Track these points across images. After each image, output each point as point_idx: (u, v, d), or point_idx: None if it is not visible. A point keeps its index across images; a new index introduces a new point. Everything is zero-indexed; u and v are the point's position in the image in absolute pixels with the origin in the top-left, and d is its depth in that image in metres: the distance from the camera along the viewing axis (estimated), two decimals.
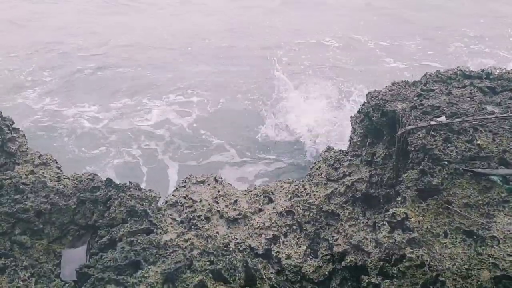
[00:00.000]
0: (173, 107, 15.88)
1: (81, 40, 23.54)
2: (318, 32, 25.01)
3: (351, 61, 20.44)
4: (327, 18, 27.92)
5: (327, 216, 6.07)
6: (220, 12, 30.01)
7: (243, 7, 31.05)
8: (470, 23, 26.21)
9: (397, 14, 29.32)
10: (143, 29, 25.62)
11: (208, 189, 6.98)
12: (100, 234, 4.73)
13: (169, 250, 4.30)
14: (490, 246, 4.11)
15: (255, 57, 21.00)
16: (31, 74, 18.59)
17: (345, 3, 31.67)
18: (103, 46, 22.74)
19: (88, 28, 25.64)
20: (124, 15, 28.96)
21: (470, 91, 5.56)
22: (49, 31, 24.80)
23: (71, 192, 5.14)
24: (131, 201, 4.88)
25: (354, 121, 6.27)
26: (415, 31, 25.23)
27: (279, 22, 27.17)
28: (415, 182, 4.67)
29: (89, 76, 18.85)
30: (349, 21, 27.13)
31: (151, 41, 23.42)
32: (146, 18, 28.46)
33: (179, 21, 27.60)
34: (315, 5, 31.07)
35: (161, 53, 21.96)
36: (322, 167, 6.66)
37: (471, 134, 4.82)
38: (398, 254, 4.40)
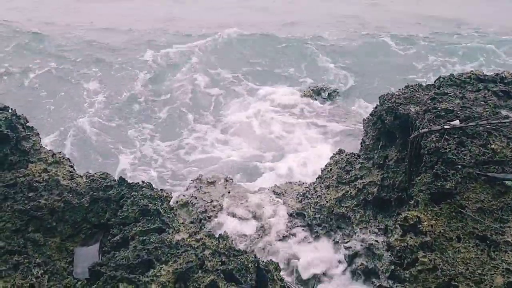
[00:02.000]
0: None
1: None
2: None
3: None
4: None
5: (338, 218, 6.06)
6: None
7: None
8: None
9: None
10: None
11: (219, 189, 7.02)
12: (113, 232, 4.74)
13: (181, 249, 4.31)
14: (504, 251, 4.08)
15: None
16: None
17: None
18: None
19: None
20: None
21: (484, 95, 5.52)
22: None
23: (84, 190, 5.17)
24: (143, 200, 4.90)
25: (367, 124, 6.25)
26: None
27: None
28: (428, 185, 4.64)
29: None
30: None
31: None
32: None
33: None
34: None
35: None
36: (333, 169, 6.65)
37: (485, 138, 4.78)
38: (410, 258, 4.38)
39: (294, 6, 31.88)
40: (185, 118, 13.91)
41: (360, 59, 19.45)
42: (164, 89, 16.12)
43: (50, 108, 14.36)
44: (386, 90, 9.14)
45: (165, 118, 13.91)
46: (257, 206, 6.67)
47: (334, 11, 29.61)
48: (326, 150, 10.58)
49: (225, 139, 12.54)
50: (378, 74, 17.39)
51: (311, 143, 11.91)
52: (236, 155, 11.47)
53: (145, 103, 14.84)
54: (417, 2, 33.46)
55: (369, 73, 17.60)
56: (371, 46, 21.27)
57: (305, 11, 30.05)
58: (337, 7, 30.91)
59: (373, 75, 17.34)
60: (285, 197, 6.93)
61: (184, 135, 12.76)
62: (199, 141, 12.31)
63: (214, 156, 11.50)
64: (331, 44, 21.61)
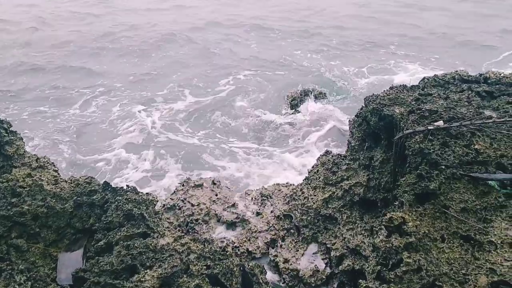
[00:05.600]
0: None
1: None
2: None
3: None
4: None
5: (324, 220, 6.06)
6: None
7: None
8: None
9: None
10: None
11: (206, 193, 6.98)
12: (97, 237, 4.71)
13: (166, 254, 4.28)
14: (488, 251, 4.10)
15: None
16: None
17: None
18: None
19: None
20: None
21: (468, 95, 5.56)
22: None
23: (68, 195, 5.12)
24: (128, 205, 4.87)
25: (352, 125, 6.26)
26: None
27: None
28: (413, 186, 4.66)
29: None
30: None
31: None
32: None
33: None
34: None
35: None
36: (320, 170, 6.65)
37: (469, 138, 4.81)
38: (395, 259, 4.38)
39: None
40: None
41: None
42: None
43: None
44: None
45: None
46: (244, 208, 6.65)
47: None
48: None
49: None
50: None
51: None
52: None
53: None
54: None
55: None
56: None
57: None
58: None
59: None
60: (272, 199, 6.90)
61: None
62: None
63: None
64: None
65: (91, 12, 33.60)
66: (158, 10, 35.04)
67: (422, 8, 33.33)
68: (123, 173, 11.21)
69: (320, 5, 35.22)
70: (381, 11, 32.79)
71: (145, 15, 33.00)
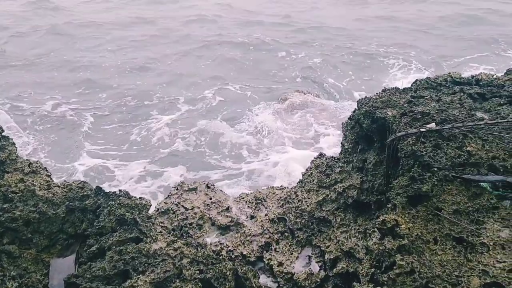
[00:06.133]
0: None
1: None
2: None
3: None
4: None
5: (319, 222, 6.06)
6: None
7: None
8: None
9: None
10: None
11: (200, 196, 6.96)
12: (89, 243, 4.68)
13: (159, 259, 4.27)
14: (480, 253, 4.10)
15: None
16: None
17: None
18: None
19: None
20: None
21: (460, 97, 5.57)
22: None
23: (60, 200, 5.10)
24: (120, 210, 4.85)
25: (345, 128, 6.27)
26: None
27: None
28: (405, 188, 4.66)
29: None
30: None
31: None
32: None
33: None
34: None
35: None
36: (314, 173, 6.65)
37: (461, 140, 4.83)
38: (388, 261, 4.39)
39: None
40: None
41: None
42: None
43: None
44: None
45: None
46: (239, 212, 6.64)
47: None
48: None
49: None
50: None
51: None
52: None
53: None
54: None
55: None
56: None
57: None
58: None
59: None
60: (266, 202, 6.90)
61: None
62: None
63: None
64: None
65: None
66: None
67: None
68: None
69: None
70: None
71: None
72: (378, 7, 35.41)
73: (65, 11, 33.53)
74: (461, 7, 32.71)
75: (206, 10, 33.54)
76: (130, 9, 35.34)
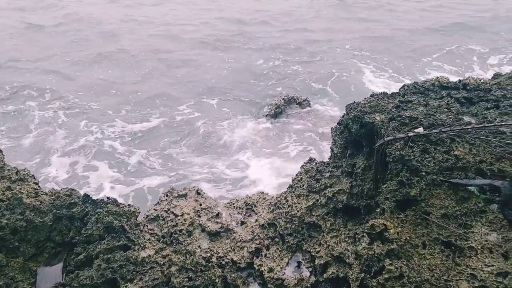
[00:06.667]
0: None
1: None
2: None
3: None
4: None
5: (309, 228, 6.05)
6: None
7: None
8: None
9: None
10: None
11: (190, 203, 6.93)
12: (77, 251, 4.64)
13: (147, 266, 4.23)
14: (468, 256, 4.12)
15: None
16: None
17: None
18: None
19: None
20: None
21: (447, 102, 5.61)
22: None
23: (48, 208, 5.05)
24: (108, 217, 4.80)
25: (334, 133, 6.28)
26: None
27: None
28: (394, 193, 4.68)
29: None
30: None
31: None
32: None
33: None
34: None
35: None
36: (304, 178, 6.65)
37: (448, 144, 4.85)
38: (377, 266, 4.39)
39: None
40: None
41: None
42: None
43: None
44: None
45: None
46: (229, 218, 6.61)
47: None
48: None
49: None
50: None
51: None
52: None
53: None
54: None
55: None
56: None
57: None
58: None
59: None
60: (257, 208, 6.88)
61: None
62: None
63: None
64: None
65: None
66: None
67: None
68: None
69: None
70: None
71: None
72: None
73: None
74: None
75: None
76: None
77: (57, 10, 34.59)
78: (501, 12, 32.43)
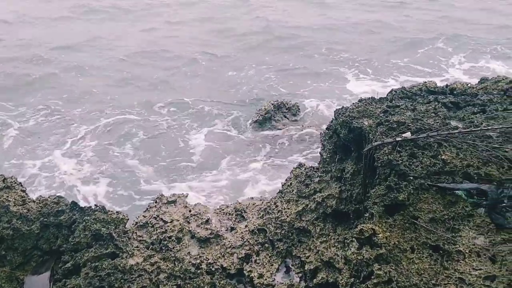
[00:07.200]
0: None
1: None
2: None
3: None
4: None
5: (298, 233, 6.05)
6: None
7: None
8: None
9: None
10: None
11: (179, 209, 6.90)
12: (64, 259, 4.59)
13: (135, 274, 4.20)
14: (456, 260, 4.14)
15: None
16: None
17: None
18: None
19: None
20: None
21: (435, 106, 5.66)
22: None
23: (35, 216, 5.00)
24: (96, 225, 4.76)
25: (323, 138, 6.30)
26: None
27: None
28: (382, 197, 4.69)
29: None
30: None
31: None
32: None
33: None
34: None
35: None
36: (293, 183, 6.65)
37: (436, 149, 4.89)
38: (366, 271, 4.39)
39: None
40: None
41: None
42: None
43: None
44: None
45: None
46: (218, 224, 6.59)
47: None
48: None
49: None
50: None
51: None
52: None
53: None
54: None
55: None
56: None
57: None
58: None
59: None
60: (246, 213, 6.86)
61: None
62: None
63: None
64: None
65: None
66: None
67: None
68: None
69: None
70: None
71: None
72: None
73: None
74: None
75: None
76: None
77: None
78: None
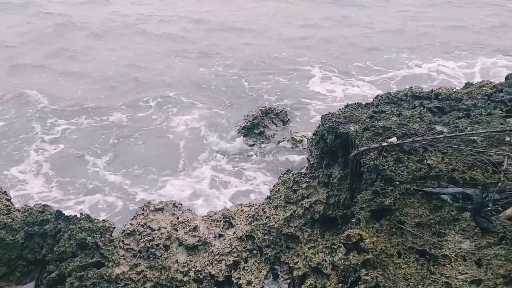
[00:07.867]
0: None
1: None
2: None
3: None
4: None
5: (286, 239, 6.04)
6: None
7: None
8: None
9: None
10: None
11: (167, 216, 6.86)
12: (49, 269, 4.53)
13: (121, 283, 4.16)
14: (443, 265, 4.15)
15: None
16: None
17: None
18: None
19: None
20: None
21: (420, 111, 5.70)
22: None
23: (20, 226, 4.93)
24: (81, 234, 4.71)
25: (311, 143, 6.32)
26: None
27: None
28: (369, 203, 4.71)
29: None
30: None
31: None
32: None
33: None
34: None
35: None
36: (281, 189, 6.64)
37: (421, 154, 4.92)
38: (354, 277, 4.39)
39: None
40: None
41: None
42: None
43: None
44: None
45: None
46: (206, 231, 6.56)
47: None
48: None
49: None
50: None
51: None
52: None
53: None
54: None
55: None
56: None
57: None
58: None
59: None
60: (235, 220, 6.84)
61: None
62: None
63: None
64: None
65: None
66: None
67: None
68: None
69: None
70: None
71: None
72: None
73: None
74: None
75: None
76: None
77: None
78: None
